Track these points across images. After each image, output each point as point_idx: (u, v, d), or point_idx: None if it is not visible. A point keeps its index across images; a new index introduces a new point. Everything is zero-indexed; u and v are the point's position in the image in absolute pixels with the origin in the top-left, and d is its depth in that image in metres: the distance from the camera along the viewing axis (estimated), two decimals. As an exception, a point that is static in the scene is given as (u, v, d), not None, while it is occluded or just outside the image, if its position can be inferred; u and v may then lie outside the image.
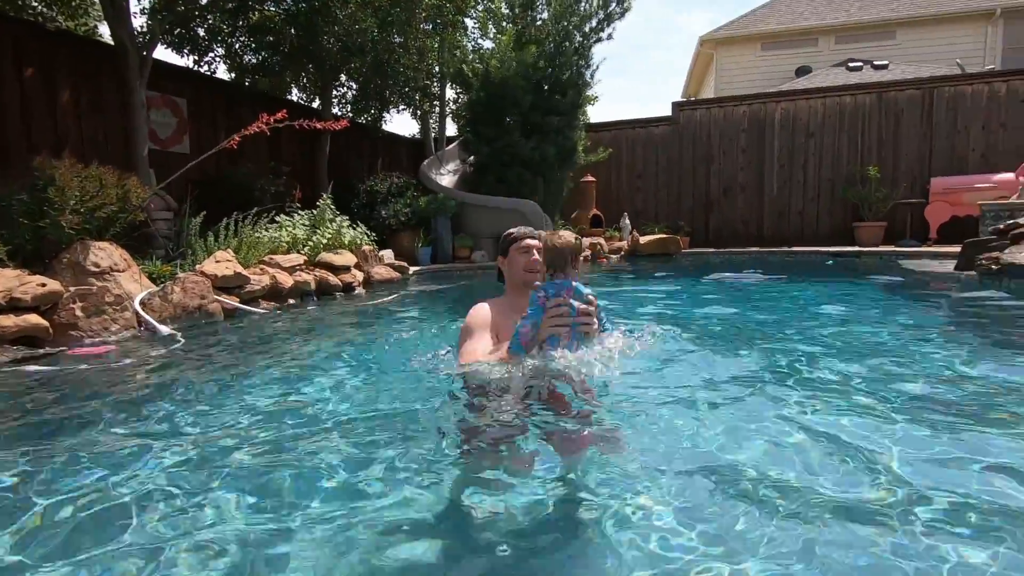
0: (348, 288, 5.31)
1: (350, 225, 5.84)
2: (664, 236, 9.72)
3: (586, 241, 9.48)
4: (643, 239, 9.65)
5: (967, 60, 13.24)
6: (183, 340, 3.24)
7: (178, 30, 6.83)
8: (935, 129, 9.72)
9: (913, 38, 14.73)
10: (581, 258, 1.99)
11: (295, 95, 9.72)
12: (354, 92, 9.36)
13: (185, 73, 7.10)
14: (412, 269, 6.71)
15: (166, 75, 6.71)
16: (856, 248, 9.22)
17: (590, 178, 10.58)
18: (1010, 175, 8.63)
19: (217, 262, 4.12)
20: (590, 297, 1.90)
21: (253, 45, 7.86)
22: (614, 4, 8.11)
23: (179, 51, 7.07)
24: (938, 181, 9.36)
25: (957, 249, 7.65)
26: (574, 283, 1.90)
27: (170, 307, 3.62)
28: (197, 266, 4.06)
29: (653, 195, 11.28)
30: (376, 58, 7.71)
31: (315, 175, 8.31)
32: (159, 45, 6.20)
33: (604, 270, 8.34)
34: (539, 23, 8.66)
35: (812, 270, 6.78)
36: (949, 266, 6.44)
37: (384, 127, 10.08)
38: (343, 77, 8.88)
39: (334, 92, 8.84)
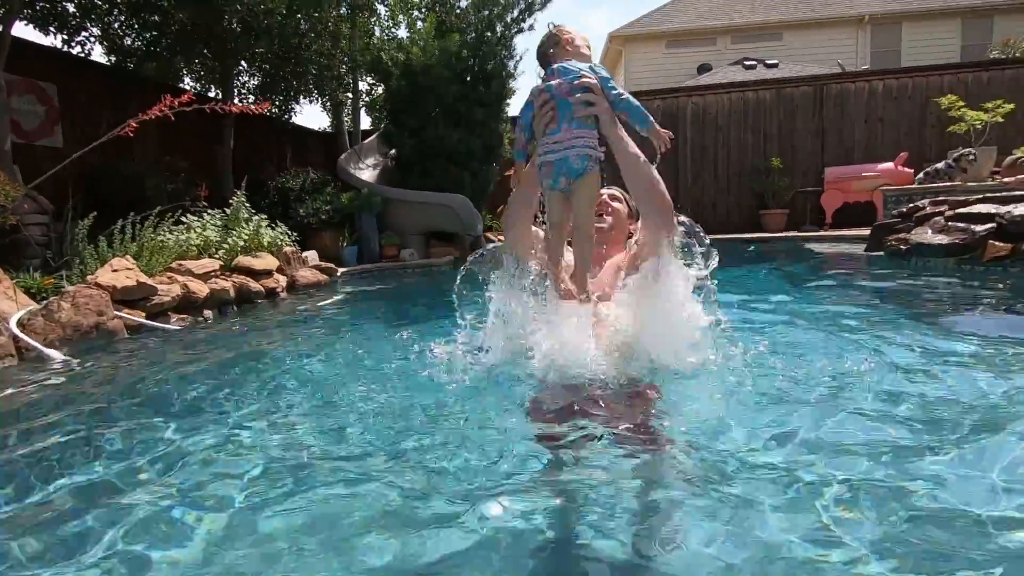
0: (271, 294, 4.78)
1: (269, 225, 5.28)
2: (590, 228, 9.82)
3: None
4: (570, 232, 9.69)
5: (844, 60, 14.57)
6: (78, 367, 2.69)
7: (41, 4, 5.85)
8: (826, 123, 10.57)
9: (798, 39, 16.01)
10: (574, 42, 1.81)
11: (188, 83, 8.75)
12: (259, 80, 8.58)
13: (54, 55, 6.11)
14: (339, 270, 6.23)
15: (31, 56, 5.73)
16: (766, 234, 9.82)
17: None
18: (890, 164, 9.55)
19: (115, 271, 3.51)
20: (583, 73, 1.71)
21: (136, 25, 6.93)
22: (535, -6, 8.01)
23: (43, 29, 6.07)
24: (831, 171, 10.19)
25: (855, 232, 8.39)
26: (563, 65, 1.75)
27: (58, 327, 3.01)
28: (89, 277, 3.43)
29: (575, 188, 11.36)
30: (284, 42, 7.08)
31: (217, 171, 7.50)
32: (18, 21, 5.25)
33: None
34: (459, 12, 8.37)
35: (740, 256, 7.08)
36: (848, 247, 7.02)
37: (293, 119, 9.36)
38: (245, 63, 8.10)
39: (236, 80, 8.04)
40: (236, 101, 8.17)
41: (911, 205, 5.39)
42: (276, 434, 1.64)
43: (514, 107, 9.14)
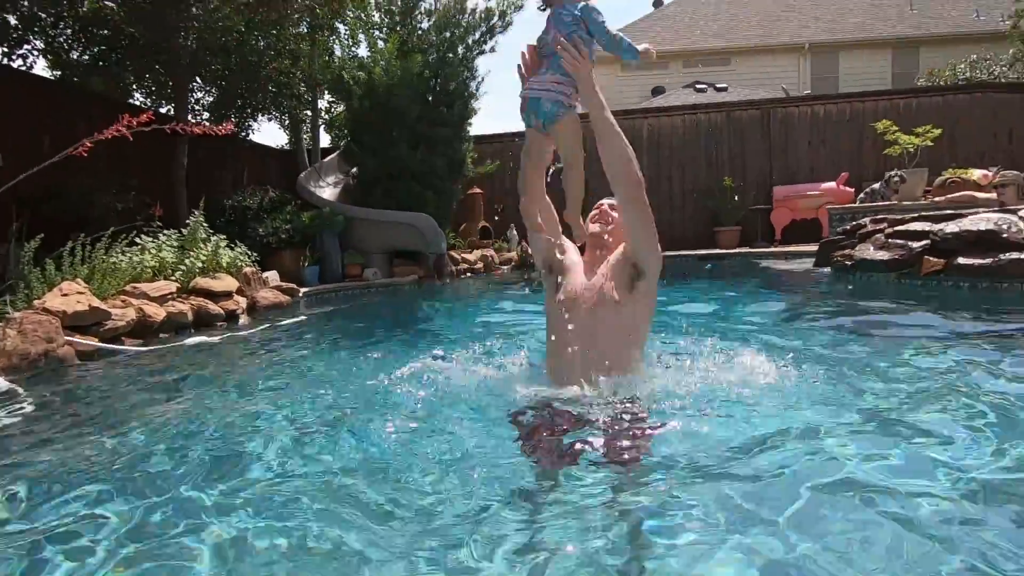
0: (231, 316, 4.64)
1: (227, 245, 5.14)
2: (553, 246, 9.96)
3: (477, 253, 9.41)
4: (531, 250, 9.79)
5: (788, 86, 15.40)
6: (27, 400, 2.55)
7: (-21, 16, 5.59)
8: (773, 144, 11.12)
9: (745, 65, 16.84)
10: None
11: (139, 98, 8.46)
12: (214, 97, 8.39)
13: (-10, 66, 5.83)
14: (302, 291, 6.10)
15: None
16: (721, 251, 10.18)
17: (477, 190, 10.54)
18: (833, 184, 10.11)
19: (64, 295, 3.34)
20: (574, 39, 1.74)
21: (83, 39, 6.69)
22: (496, 17, 8.17)
23: (-19, 41, 5.80)
24: (779, 190, 10.70)
25: (803, 248, 8.82)
26: (558, 11, 1.76)
27: (2, 357, 2.84)
28: (36, 302, 3.26)
29: (537, 206, 11.51)
30: (243, 59, 6.97)
31: (170, 190, 7.25)
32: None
33: (497, 281, 8.34)
34: (420, 32, 8.45)
35: (697, 273, 7.33)
36: (798, 263, 7.37)
37: (251, 136, 9.17)
38: (200, 80, 7.91)
39: (191, 96, 7.83)
40: (190, 118, 7.96)
41: (854, 223, 5.73)
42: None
43: (476, 127, 9.26)
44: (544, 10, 1.84)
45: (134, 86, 8.16)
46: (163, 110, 8.10)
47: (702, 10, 18.89)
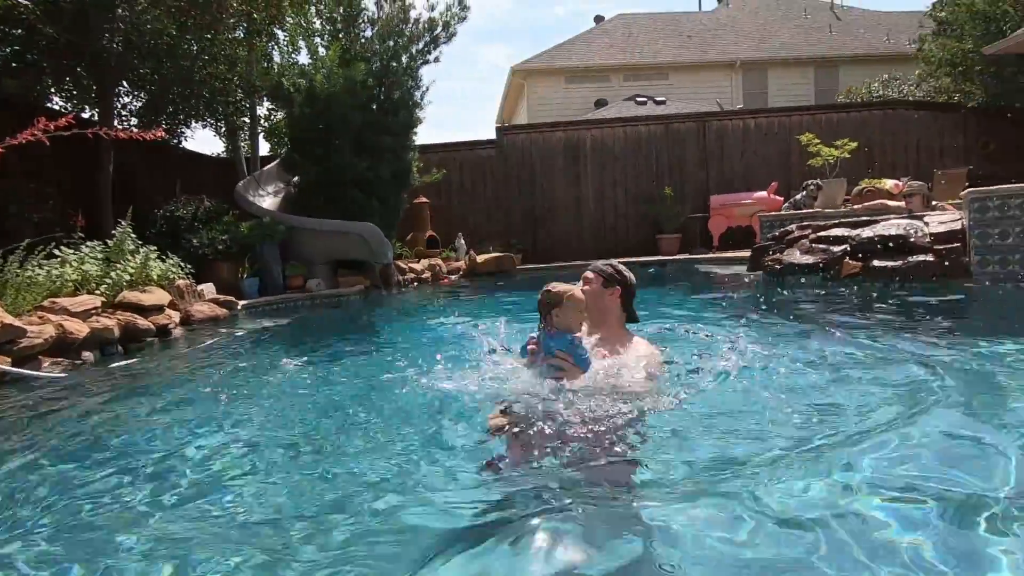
0: (163, 331, 4.43)
1: (158, 257, 4.90)
2: (500, 254, 10.04)
3: (424, 263, 9.36)
4: (480, 258, 9.83)
5: (722, 100, 16.17)
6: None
7: None
8: (709, 155, 11.63)
9: (683, 80, 17.57)
10: (564, 309, 2.02)
11: (58, 102, 7.96)
12: (143, 102, 8.00)
13: None
14: (240, 303, 5.88)
15: None
16: (663, 257, 10.53)
17: (423, 199, 10.49)
18: (764, 193, 10.67)
19: (-29, 313, 3.10)
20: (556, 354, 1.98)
21: (-6, 38, 6.25)
22: (440, 28, 8.20)
23: None
24: (715, 198, 11.19)
25: (738, 254, 9.24)
26: (547, 341, 2.01)
27: (-102, 380, 2.60)
28: (-62, 320, 3.01)
29: (485, 215, 11.59)
30: (175, 64, 6.69)
31: (95, 200, 6.84)
32: None
33: (447, 290, 8.30)
34: (363, 41, 8.36)
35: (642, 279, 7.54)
36: (733, 268, 7.73)
37: (184, 144, 8.80)
38: (127, 84, 7.53)
39: (117, 101, 7.44)
40: (117, 124, 7.55)
41: (782, 229, 6.07)
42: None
43: (422, 136, 9.23)
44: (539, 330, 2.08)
45: (52, 89, 7.67)
46: (86, 115, 7.66)
47: (640, 27, 19.60)
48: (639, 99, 16.06)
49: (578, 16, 57.50)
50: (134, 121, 7.97)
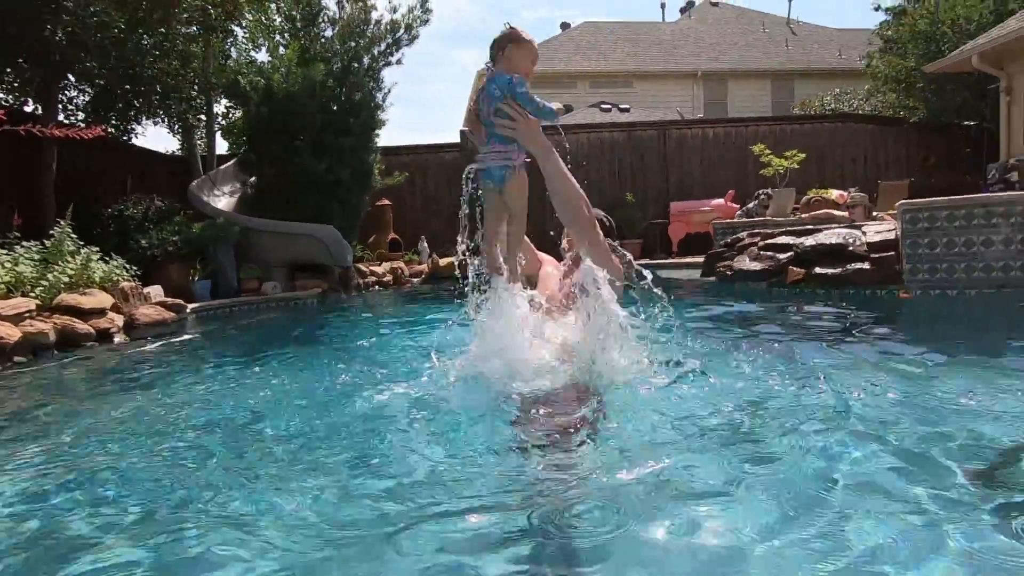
0: (104, 335, 4.27)
1: (101, 258, 4.73)
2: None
3: (386, 266, 9.27)
4: (443, 261, 9.79)
5: (684, 109, 16.58)
6: None
7: None
8: (669, 163, 11.90)
9: (646, 88, 17.94)
10: (521, 47, 1.98)
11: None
12: (90, 97, 7.71)
13: None
14: (190, 307, 5.72)
15: None
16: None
17: (386, 202, 10.40)
18: (722, 200, 10.97)
19: None
20: (505, 99, 1.93)
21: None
22: (402, 30, 8.17)
23: None
24: (675, 205, 11.45)
25: (696, 260, 9.47)
26: (490, 81, 1.97)
27: None
28: None
29: (448, 218, 11.53)
30: (123, 59, 6.47)
31: (37, 198, 6.56)
32: None
33: (408, 294, 8.26)
34: (324, 41, 8.26)
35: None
36: (689, 273, 7.93)
37: (135, 140, 8.51)
38: (73, 77, 7.24)
39: (63, 95, 7.16)
40: (62, 119, 7.26)
41: (734, 236, 6.26)
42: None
43: (384, 138, 9.15)
44: (486, 72, 2.03)
45: (-9, 81, 7.32)
46: (28, 108, 7.34)
47: (605, 35, 19.94)
48: (604, 106, 16.33)
49: (545, 22, 58.11)
50: (81, 116, 7.68)
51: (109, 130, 7.85)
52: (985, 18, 10.20)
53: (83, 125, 7.68)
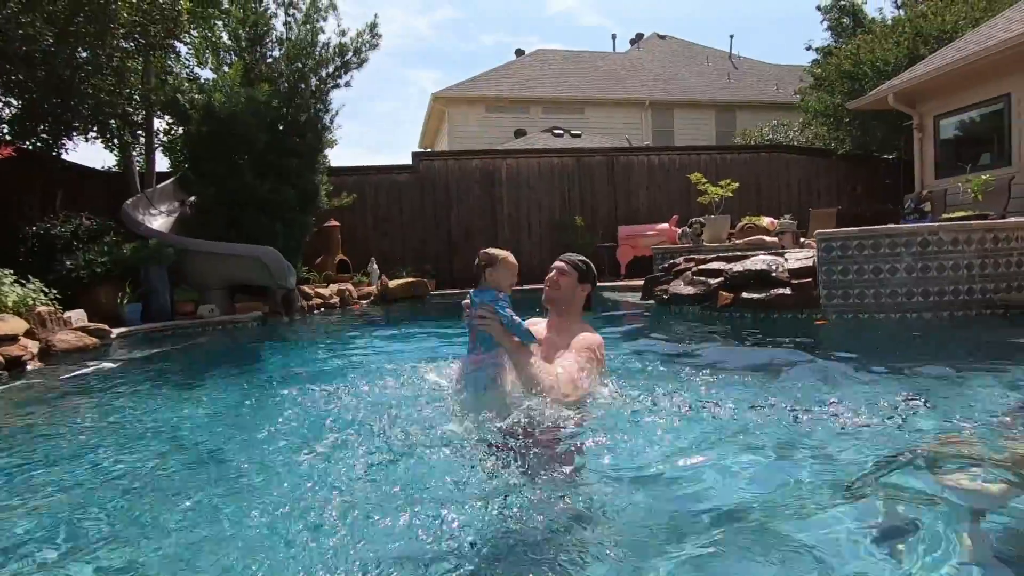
0: (15, 364, 4.03)
1: (15, 281, 4.49)
2: (412, 280, 9.97)
3: (333, 287, 9.12)
4: (392, 283, 9.72)
5: (633, 136, 17.16)
6: None
7: None
8: (617, 188, 12.26)
9: (597, 115, 18.48)
10: (498, 269, 2.23)
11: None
12: (16, 109, 7.36)
13: None
14: (115, 331, 5.47)
15: None
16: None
17: (334, 223, 10.28)
18: (666, 225, 11.36)
19: None
20: (479, 308, 2.18)
21: None
22: (351, 53, 8.19)
23: None
24: (623, 229, 11.78)
25: (639, 282, 9.76)
26: (474, 294, 2.23)
27: None
28: None
29: (399, 240, 11.52)
30: (53, 73, 6.24)
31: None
32: None
33: (355, 316, 8.13)
34: (270, 60, 8.20)
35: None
36: (632, 296, 8.15)
37: (66, 156, 8.14)
38: (-1, 90, 6.92)
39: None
40: (-16, 132, 6.92)
41: (671, 261, 6.50)
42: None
43: (342, 157, 9.10)
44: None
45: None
46: (-55, 122, 6.95)
47: (558, 63, 20.51)
48: (556, 131, 16.73)
49: (501, 47, 59.25)
50: (6, 129, 7.32)
51: (37, 144, 7.52)
52: (900, 61, 11.05)
53: (8, 136, 7.34)
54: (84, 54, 6.75)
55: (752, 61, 22.82)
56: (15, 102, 7.28)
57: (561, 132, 16.59)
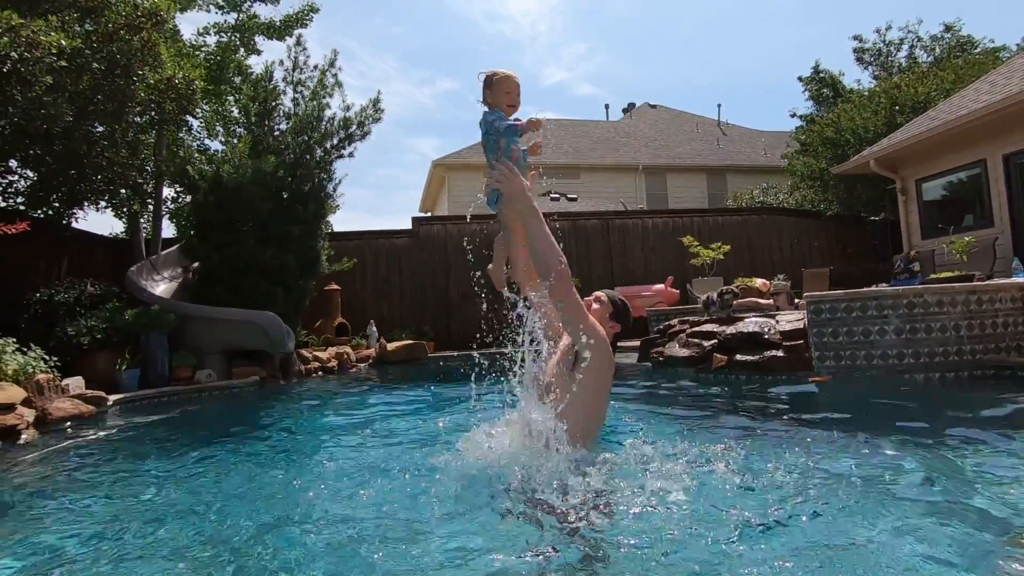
0: (9, 433, 4.03)
1: (17, 349, 4.55)
2: (411, 342, 10.01)
3: (332, 351, 9.15)
4: (391, 346, 9.75)
5: (627, 199, 17.66)
6: None
7: None
8: (612, 250, 12.52)
9: (592, 180, 19.11)
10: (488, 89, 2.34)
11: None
12: (30, 181, 7.67)
13: None
14: (112, 398, 5.47)
15: None
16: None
17: (335, 286, 10.44)
18: (662, 285, 11.52)
19: None
20: (494, 167, 2.34)
21: None
22: (355, 126, 8.61)
23: None
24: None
25: (635, 343, 9.77)
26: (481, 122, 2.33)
27: None
28: None
29: (398, 302, 11.64)
30: (68, 147, 6.55)
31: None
32: None
33: (352, 379, 8.10)
34: (277, 133, 8.61)
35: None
36: (627, 357, 8.15)
37: (75, 224, 8.40)
38: (14, 162, 7.23)
39: (2, 179, 7.11)
40: (0, 202, 7.18)
41: (666, 323, 6.57)
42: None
43: (343, 220, 9.38)
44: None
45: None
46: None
47: (554, 130, 21.42)
48: (553, 196, 17.21)
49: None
50: (19, 200, 7.59)
51: (49, 212, 7.78)
52: (879, 128, 11.58)
53: (22, 207, 7.59)
54: (100, 128, 7.11)
55: (740, 128, 23.81)
56: (31, 174, 7.60)
57: (558, 196, 17.05)
